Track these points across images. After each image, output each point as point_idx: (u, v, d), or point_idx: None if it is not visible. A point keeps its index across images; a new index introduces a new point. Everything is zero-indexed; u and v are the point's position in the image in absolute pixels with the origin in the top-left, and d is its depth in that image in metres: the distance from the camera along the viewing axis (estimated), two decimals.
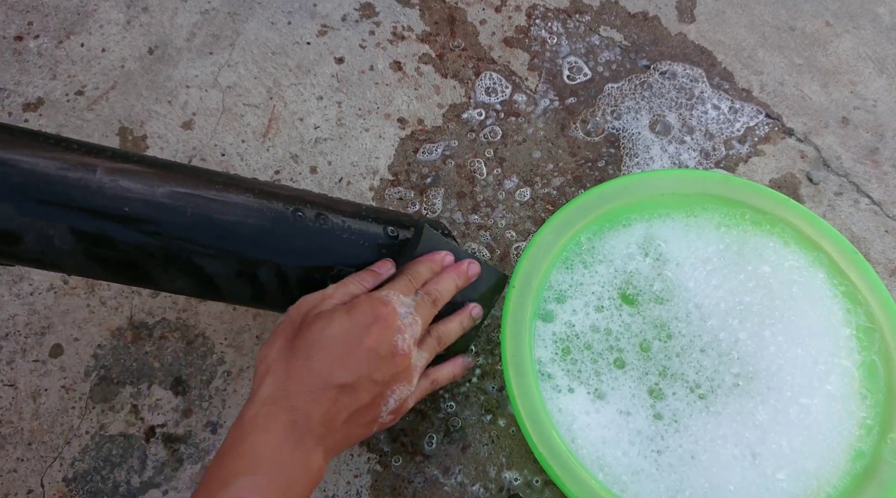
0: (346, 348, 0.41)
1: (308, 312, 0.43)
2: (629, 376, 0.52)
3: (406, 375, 0.43)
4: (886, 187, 0.67)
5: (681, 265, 0.56)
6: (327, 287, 0.45)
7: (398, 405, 0.44)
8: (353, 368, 0.41)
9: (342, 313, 0.42)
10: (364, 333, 0.41)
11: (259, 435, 0.38)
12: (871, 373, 0.52)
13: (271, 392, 0.40)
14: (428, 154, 0.67)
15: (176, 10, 0.74)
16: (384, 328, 0.42)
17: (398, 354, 0.42)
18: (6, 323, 0.59)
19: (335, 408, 0.40)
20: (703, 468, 0.49)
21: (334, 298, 0.44)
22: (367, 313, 0.42)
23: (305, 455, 0.39)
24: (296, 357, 0.41)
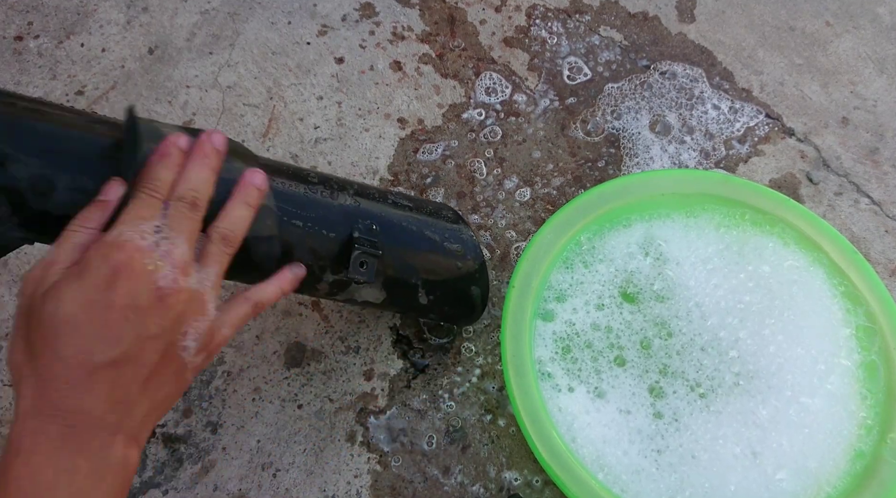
0: (95, 320, 0.33)
1: (34, 294, 0.34)
2: (629, 374, 0.52)
3: (192, 307, 0.35)
4: (886, 187, 0.67)
5: (681, 265, 0.56)
6: (48, 250, 0.35)
7: (204, 342, 0.37)
8: (112, 338, 0.33)
9: (72, 281, 0.33)
10: (109, 293, 0.33)
11: (29, 457, 0.31)
12: (871, 373, 0.52)
13: (31, 403, 0.32)
14: (428, 154, 0.67)
15: (176, 10, 0.74)
16: (132, 275, 0.33)
17: (166, 295, 0.34)
18: (6, 323, 0.59)
19: (117, 388, 0.33)
20: (703, 467, 0.49)
21: (58, 263, 0.34)
22: (101, 269, 0.33)
23: (97, 456, 0.33)
24: (41, 355, 0.33)
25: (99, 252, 0.34)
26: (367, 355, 0.58)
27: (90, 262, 0.33)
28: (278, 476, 0.54)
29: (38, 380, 0.33)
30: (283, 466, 0.54)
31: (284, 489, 0.53)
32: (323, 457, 0.55)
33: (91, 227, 0.35)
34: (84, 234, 0.35)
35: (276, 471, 0.54)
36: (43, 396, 0.32)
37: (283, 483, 0.54)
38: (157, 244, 0.35)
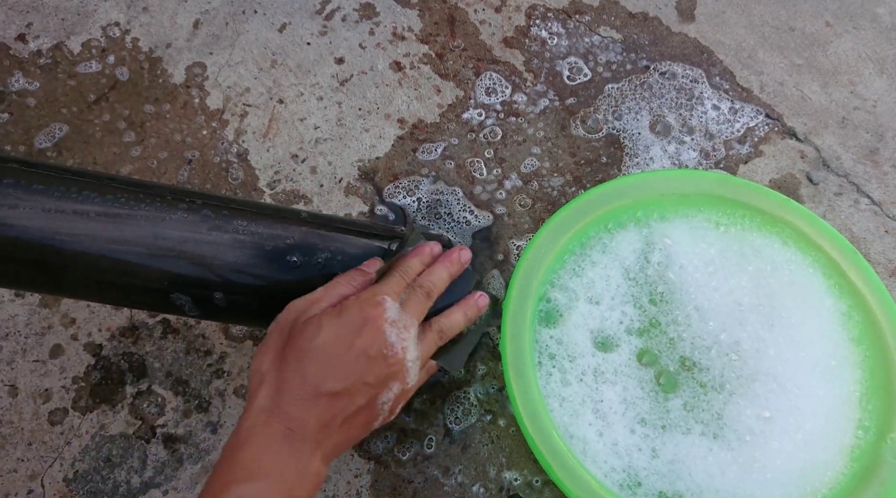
0: (337, 354, 0.40)
1: (297, 319, 0.43)
2: (628, 376, 0.52)
3: (401, 373, 0.43)
4: (886, 187, 0.67)
5: (681, 266, 0.56)
6: (315, 290, 0.44)
7: (396, 403, 0.44)
8: (343, 374, 0.40)
9: (331, 318, 0.41)
10: (354, 337, 0.41)
11: (256, 444, 0.38)
12: (870, 373, 0.52)
13: (266, 403, 0.40)
14: (428, 154, 0.67)
15: (176, 10, 0.74)
16: (374, 329, 0.41)
17: (391, 355, 0.42)
18: (6, 323, 0.59)
19: (330, 413, 0.40)
20: (701, 469, 0.49)
21: (322, 302, 0.43)
22: (356, 315, 0.41)
23: (303, 461, 0.39)
24: (287, 367, 0.40)
25: (358, 302, 0.42)
26: None
27: (349, 307, 0.42)
28: None
29: (279, 387, 0.40)
30: None
31: None
32: None
33: (353, 286, 0.45)
34: (347, 287, 0.44)
35: None
36: (277, 400, 0.40)
37: None
38: (398, 314, 0.43)
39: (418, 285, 0.46)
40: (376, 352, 0.41)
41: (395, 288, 0.44)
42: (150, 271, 0.43)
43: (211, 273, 0.44)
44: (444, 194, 0.65)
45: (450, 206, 0.64)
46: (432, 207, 0.64)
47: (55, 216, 0.41)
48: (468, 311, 0.49)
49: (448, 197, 0.65)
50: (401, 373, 0.43)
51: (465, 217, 0.64)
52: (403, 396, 0.44)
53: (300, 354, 0.41)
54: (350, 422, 0.41)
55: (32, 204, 0.41)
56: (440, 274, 0.47)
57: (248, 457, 0.38)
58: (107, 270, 0.43)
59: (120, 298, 0.47)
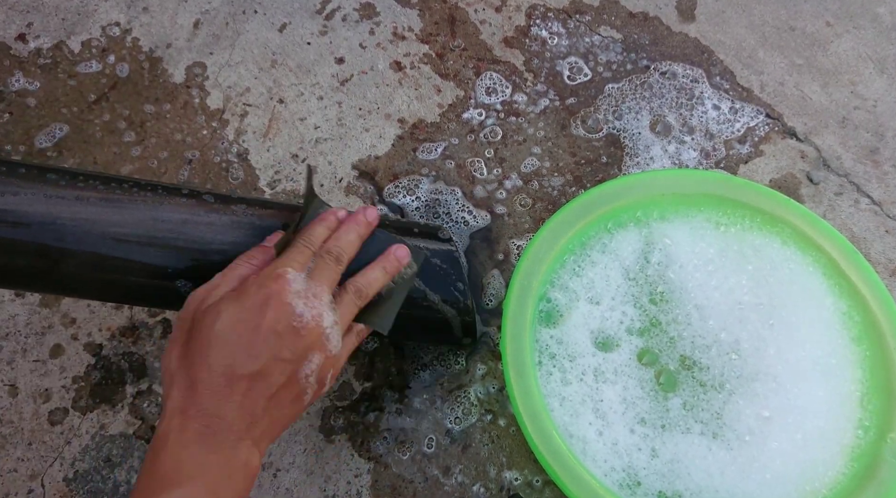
0: (242, 336, 0.38)
1: (197, 309, 0.41)
2: (629, 376, 0.52)
3: (318, 343, 0.41)
4: (886, 187, 0.67)
5: (681, 265, 0.56)
6: (214, 277, 0.42)
7: (323, 373, 0.42)
8: (253, 355, 0.38)
9: (231, 301, 0.39)
10: (258, 316, 0.39)
11: (173, 448, 0.37)
12: (870, 373, 0.52)
13: (178, 403, 0.38)
14: (428, 153, 0.67)
15: (176, 10, 0.74)
16: (279, 304, 0.39)
17: (302, 326, 0.40)
18: (6, 323, 0.59)
19: (248, 399, 0.38)
20: (701, 469, 0.49)
21: (222, 287, 0.41)
22: (257, 294, 0.39)
23: (227, 455, 0.38)
24: (193, 361, 0.39)
25: (258, 280, 0.40)
26: (368, 355, 0.58)
27: (249, 287, 0.40)
28: (278, 476, 0.54)
29: (188, 383, 0.38)
30: (283, 466, 0.54)
31: (285, 489, 0.54)
32: (323, 457, 0.55)
33: (253, 264, 0.43)
34: (246, 267, 0.42)
35: (277, 471, 0.54)
36: (190, 398, 0.38)
37: (283, 483, 0.54)
38: (304, 284, 0.41)
39: (325, 251, 0.43)
40: (285, 326, 0.39)
41: (298, 258, 0.42)
42: (151, 256, 0.43)
43: (211, 255, 0.44)
44: (443, 194, 0.65)
45: (448, 206, 0.64)
46: (431, 207, 0.64)
47: (56, 202, 0.41)
48: (387, 265, 0.46)
49: (447, 197, 0.65)
50: (318, 342, 0.41)
51: (464, 217, 0.64)
52: (330, 364, 0.42)
53: (203, 344, 0.39)
54: (275, 403, 0.40)
55: (34, 190, 0.41)
56: (347, 237, 0.45)
57: (167, 463, 0.36)
58: (107, 259, 0.42)
59: (121, 290, 0.46)
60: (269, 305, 0.39)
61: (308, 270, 0.42)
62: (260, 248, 0.44)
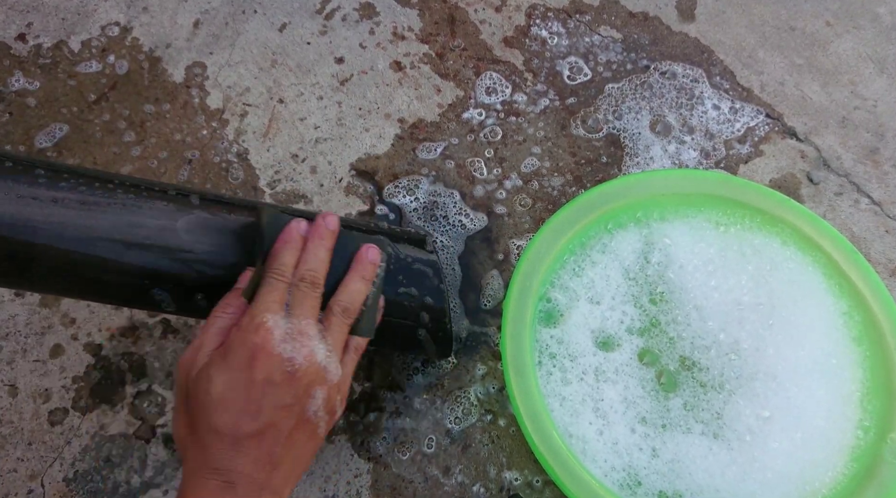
0: (240, 397, 0.38)
1: (188, 375, 0.40)
2: (629, 376, 0.52)
3: (317, 378, 0.40)
4: (887, 187, 0.67)
5: (681, 266, 0.56)
6: (197, 334, 0.42)
7: (330, 404, 0.42)
8: (254, 411, 0.38)
9: (219, 364, 0.39)
10: (249, 372, 0.38)
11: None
12: (870, 373, 0.52)
13: (194, 464, 0.38)
14: (428, 153, 0.67)
15: (176, 10, 0.74)
16: (266, 355, 0.38)
17: (297, 370, 0.39)
18: (6, 323, 0.59)
19: (261, 452, 0.38)
20: (701, 468, 0.49)
21: (205, 346, 0.40)
22: (242, 350, 0.39)
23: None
24: (199, 427, 0.39)
25: (239, 336, 0.39)
26: (367, 355, 0.58)
27: (232, 345, 0.39)
28: None
29: (199, 447, 0.39)
30: None
31: None
32: (323, 457, 0.55)
33: (231, 313, 0.41)
34: (225, 318, 0.41)
35: None
36: (203, 459, 0.38)
37: None
38: (287, 324, 0.40)
39: (299, 279, 0.42)
40: (280, 376, 0.39)
41: (274, 297, 0.41)
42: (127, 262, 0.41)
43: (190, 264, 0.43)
44: (441, 196, 0.65)
45: (446, 208, 0.64)
46: (429, 209, 0.64)
47: (27, 203, 0.39)
48: (364, 273, 0.45)
49: (445, 199, 0.65)
50: (317, 377, 0.40)
51: (461, 220, 0.64)
52: (335, 392, 0.42)
53: (204, 412, 0.38)
54: (290, 446, 0.40)
55: (5, 190, 0.39)
56: (317, 255, 0.43)
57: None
58: (79, 262, 0.41)
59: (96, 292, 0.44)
60: (257, 359, 0.38)
61: (287, 304, 0.41)
62: (234, 292, 0.42)
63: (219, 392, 0.38)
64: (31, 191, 0.40)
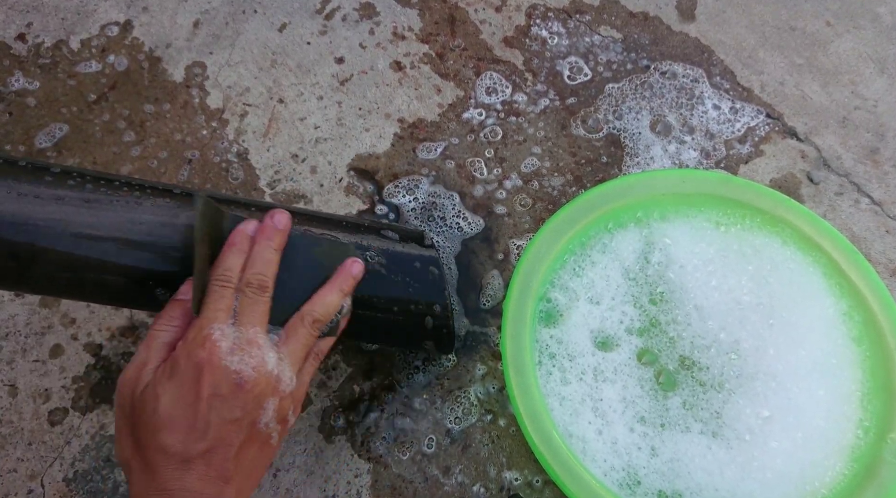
0: (188, 414, 0.37)
1: (133, 393, 0.38)
2: (629, 376, 0.52)
3: (268, 389, 0.39)
4: (887, 187, 0.67)
5: (681, 266, 0.56)
6: (138, 349, 0.40)
7: (282, 413, 0.40)
8: (202, 429, 0.37)
9: (164, 381, 0.37)
10: (195, 388, 0.37)
11: None
12: (870, 373, 0.52)
13: (140, 488, 0.37)
14: (428, 153, 0.67)
15: (176, 10, 0.74)
16: (212, 369, 0.37)
17: (244, 383, 0.38)
18: (6, 323, 0.59)
19: (212, 468, 0.37)
20: (700, 468, 0.49)
21: (150, 362, 0.39)
22: (188, 366, 0.37)
23: None
24: (145, 448, 0.37)
25: (185, 350, 0.38)
26: (368, 355, 0.58)
27: (178, 361, 0.38)
28: (278, 476, 0.54)
29: (146, 468, 0.37)
30: (283, 466, 0.54)
31: (285, 489, 0.54)
32: (323, 457, 0.55)
33: (175, 325, 0.40)
34: (168, 332, 0.40)
35: (277, 471, 0.54)
36: (150, 481, 0.37)
37: (283, 483, 0.54)
38: (234, 335, 0.39)
39: (245, 285, 0.40)
40: (227, 389, 0.37)
41: (220, 306, 0.39)
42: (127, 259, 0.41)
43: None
44: (440, 198, 0.65)
45: (444, 210, 0.64)
46: (427, 209, 0.64)
47: (27, 200, 0.39)
48: (344, 285, 0.44)
49: (444, 201, 0.65)
50: (268, 387, 0.39)
51: (458, 223, 0.64)
52: (289, 402, 0.41)
53: (151, 430, 0.37)
54: (241, 459, 0.39)
55: (5, 189, 0.39)
56: (263, 257, 0.41)
57: None
58: (82, 262, 0.40)
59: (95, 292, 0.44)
60: (203, 374, 0.37)
61: (234, 311, 0.40)
62: (176, 303, 0.41)
63: (166, 411, 0.37)
64: (32, 189, 0.40)
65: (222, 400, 0.37)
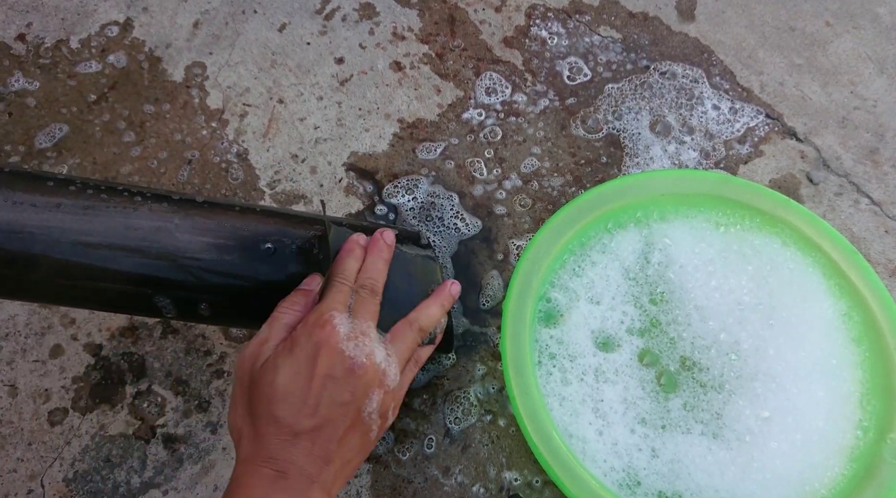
0: (301, 389, 0.40)
1: (253, 366, 0.42)
2: (629, 376, 0.52)
3: (376, 380, 0.42)
4: (886, 187, 0.67)
5: (681, 266, 0.56)
6: (261, 329, 0.43)
7: (384, 408, 0.43)
8: (314, 405, 0.40)
9: (284, 356, 0.41)
10: (312, 366, 0.40)
11: (248, 491, 0.38)
12: (870, 373, 0.52)
13: (249, 451, 0.40)
14: (427, 153, 0.67)
15: (176, 10, 0.74)
16: (329, 350, 0.40)
17: (357, 368, 0.41)
18: (6, 323, 0.59)
19: (317, 446, 0.40)
20: (701, 469, 0.49)
21: (271, 340, 0.42)
22: (308, 344, 0.41)
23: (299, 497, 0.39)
24: (259, 416, 0.40)
25: (305, 331, 0.41)
26: None
27: (298, 339, 0.41)
28: None
29: (256, 436, 0.40)
30: None
31: None
32: None
33: (296, 310, 0.44)
34: (291, 315, 0.43)
35: None
36: (259, 448, 0.39)
37: None
38: (350, 325, 0.42)
39: (360, 286, 0.45)
40: (341, 371, 0.40)
41: (339, 298, 0.43)
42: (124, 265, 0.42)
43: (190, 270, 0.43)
44: (439, 198, 0.65)
45: (442, 210, 0.64)
46: (425, 210, 0.64)
47: (22, 208, 0.39)
48: (444, 301, 0.49)
49: (443, 201, 0.65)
50: (375, 379, 0.42)
51: (456, 224, 0.64)
52: (391, 398, 0.44)
53: (266, 401, 0.40)
54: (343, 444, 0.41)
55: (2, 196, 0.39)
56: (376, 266, 0.47)
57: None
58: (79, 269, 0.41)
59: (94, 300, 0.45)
60: (321, 354, 0.40)
61: (350, 306, 0.44)
62: (300, 292, 0.45)
63: (282, 383, 0.40)
64: (27, 197, 0.40)
65: (335, 381, 0.40)
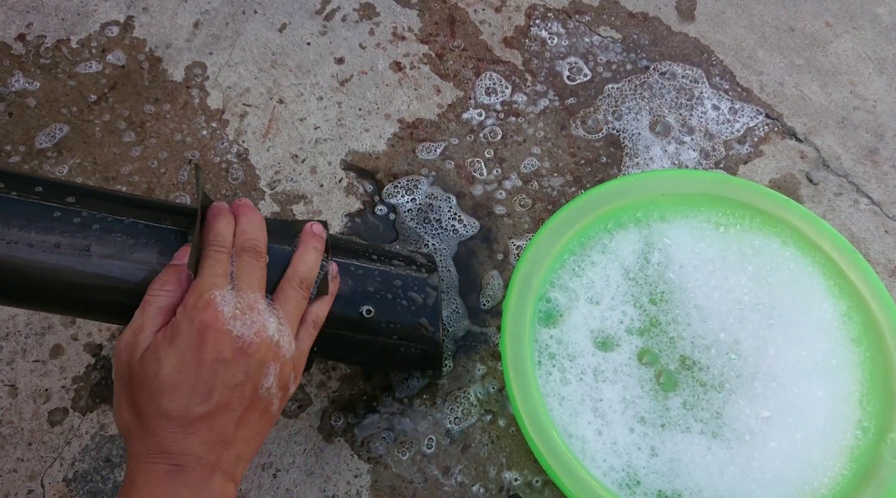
0: (191, 378, 0.37)
1: (131, 358, 0.38)
2: (629, 376, 0.52)
3: (269, 353, 0.39)
4: (886, 187, 0.67)
5: (681, 266, 0.56)
6: (134, 315, 0.39)
7: (283, 379, 0.40)
8: (205, 392, 0.37)
9: (166, 346, 0.37)
10: (199, 353, 0.37)
11: (142, 491, 0.35)
12: (870, 373, 0.52)
13: (140, 448, 0.37)
14: (427, 153, 0.67)
15: (176, 10, 0.74)
16: (216, 333, 0.37)
17: (247, 347, 0.38)
18: (6, 323, 0.59)
19: (213, 433, 0.37)
20: (700, 468, 0.49)
21: (147, 328, 0.38)
22: (191, 330, 0.37)
23: (199, 488, 0.36)
24: (145, 412, 0.37)
25: (186, 315, 0.37)
26: None
27: (180, 325, 0.37)
28: (278, 476, 0.54)
29: (145, 432, 0.37)
30: (283, 467, 0.54)
31: (284, 489, 0.54)
32: (323, 457, 0.55)
33: (169, 290, 0.39)
34: (164, 297, 0.39)
35: (277, 471, 0.54)
36: (151, 444, 0.36)
37: (283, 483, 0.54)
38: (235, 299, 0.38)
39: (241, 249, 0.41)
40: (231, 353, 0.37)
41: (218, 271, 0.39)
42: None
43: None
44: (437, 200, 0.65)
45: (440, 212, 0.64)
46: (423, 211, 0.64)
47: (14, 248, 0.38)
48: (315, 244, 0.44)
49: (441, 203, 0.65)
50: (269, 352, 0.39)
51: (453, 225, 0.64)
52: (289, 368, 0.41)
53: (152, 395, 0.37)
54: (243, 425, 0.38)
55: None
56: (252, 226, 0.42)
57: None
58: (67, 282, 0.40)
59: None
60: (206, 339, 0.37)
61: (231, 274, 0.40)
62: (171, 269, 0.40)
63: (168, 374, 0.36)
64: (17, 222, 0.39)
65: (226, 364, 0.37)
